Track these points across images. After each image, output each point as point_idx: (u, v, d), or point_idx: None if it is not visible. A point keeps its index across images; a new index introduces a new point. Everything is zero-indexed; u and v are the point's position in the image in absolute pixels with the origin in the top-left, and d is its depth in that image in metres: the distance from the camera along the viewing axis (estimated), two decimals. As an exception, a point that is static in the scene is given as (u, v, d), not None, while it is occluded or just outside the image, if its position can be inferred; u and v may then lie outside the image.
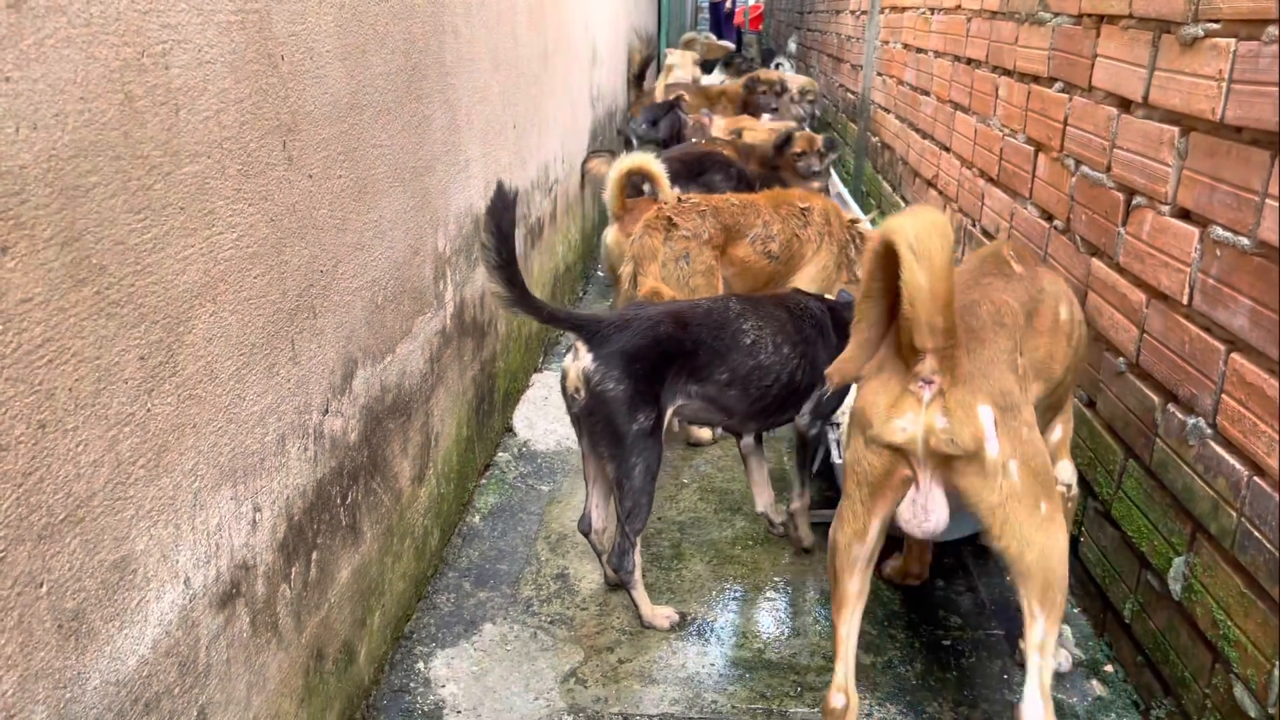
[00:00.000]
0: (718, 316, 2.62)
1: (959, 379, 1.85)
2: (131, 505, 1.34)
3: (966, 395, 1.85)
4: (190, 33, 1.46)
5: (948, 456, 1.85)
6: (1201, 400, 2.11)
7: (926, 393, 1.86)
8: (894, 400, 1.88)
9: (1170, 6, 2.30)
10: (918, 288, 1.75)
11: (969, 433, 1.83)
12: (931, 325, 1.78)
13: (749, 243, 3.72)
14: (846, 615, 2.08)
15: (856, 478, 1.97)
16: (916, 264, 1.73)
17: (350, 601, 2.17)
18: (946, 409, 1.84)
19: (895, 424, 1.87)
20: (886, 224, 1.83)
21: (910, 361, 1.86)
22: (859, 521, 1.99)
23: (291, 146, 1.81)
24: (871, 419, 1.90)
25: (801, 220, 3.83)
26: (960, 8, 4.34)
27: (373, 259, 2.24)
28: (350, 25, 2.07)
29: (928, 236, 1.73)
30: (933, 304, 1.76)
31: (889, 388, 1.90)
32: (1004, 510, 1.86)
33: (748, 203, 3.81)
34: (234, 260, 1.60)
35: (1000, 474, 1.84)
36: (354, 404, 2.16)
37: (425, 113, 2.60)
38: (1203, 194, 2.14)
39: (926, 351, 1.82)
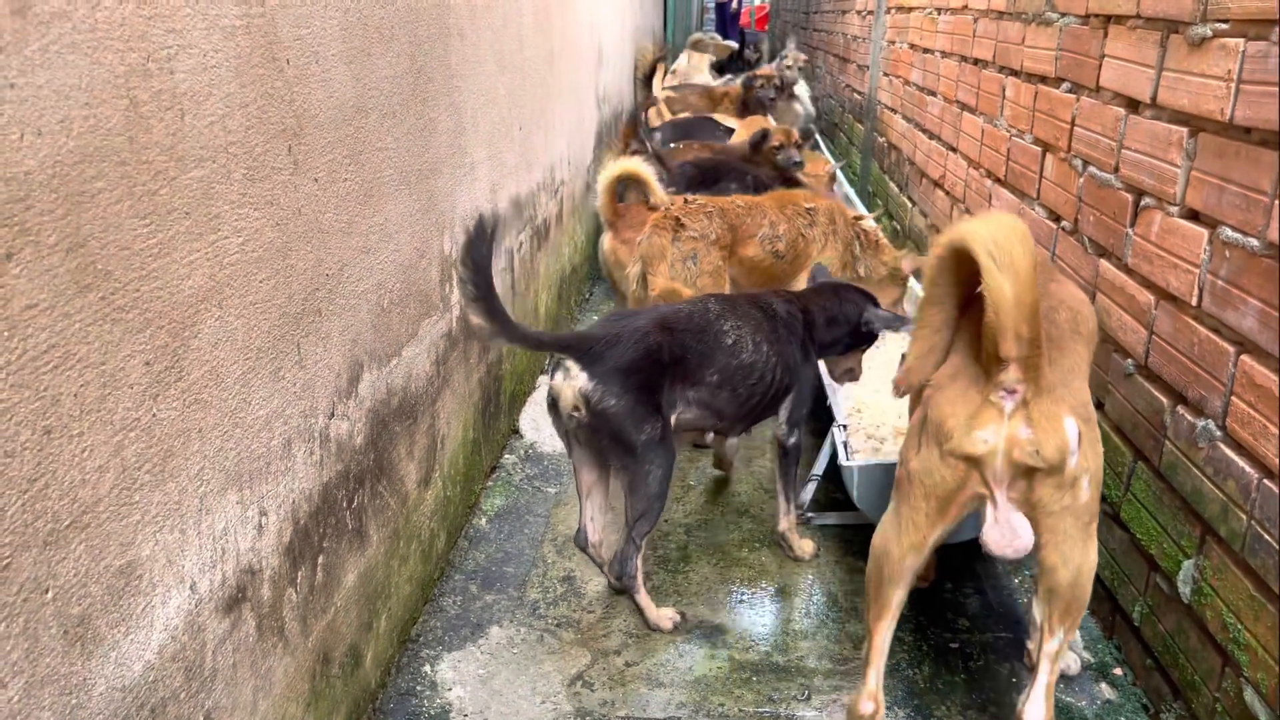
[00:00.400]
0: (699, 320, 2.62)
1: (1043, 389, 1.81)
2: (137, 511, 1.34)
3: (1051, 406, 1.81)
4: (195, 37, 1.46)
5: (1028, 469, 1.81)
6: (1211, 402, 2.10)
7: (1009, 403, 1.81)
8: (974, 411, 1.83)
9: (1178, 7, 2.29)
10: (1003, 296, 1.71)
11: (1054, 444, 1.79)
12: (1018, 334, 1.74)
13: (757, 242, 3.73)
14: (886, 624, 2.05)
15: (925, 489, 1.90)
16: (1000, 272, 1.70)
17: (357, 605, 2.17)
18: (1031, 420, 1.80)
19: (977, 435, 1.82)
20: (957, 229, 1.81)
21: (991, 370, 1.81)
22: (919, 534, 1.94)
23: (297, 150, 1.81)
24: (951, 430, 1.84)
25: (807, 220, 3.85)
26: (967, 8, 4.33)
27: (379, 262, 2.24)
28: (355, 28, 2.07)
29: (1008, 243, 1.70)
30: (1019, 312, 1.72)
31: (968, 398, 1.85)
32: (1057, 521, 1.83)
33: (753, 204, 3.82)
34: (240, 265, 1.60)
35: (1071, 487, 1.82)
36: (360, 408, 2.16)
37: (431, 116, 2.60)
38: (1211, 195, 2.12)
39: (1010, 360, 1.77)
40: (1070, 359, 1.91)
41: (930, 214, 4.92)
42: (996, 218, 1.77)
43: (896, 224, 5.75)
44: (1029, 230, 1.75)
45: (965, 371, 1.87)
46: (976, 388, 1.83)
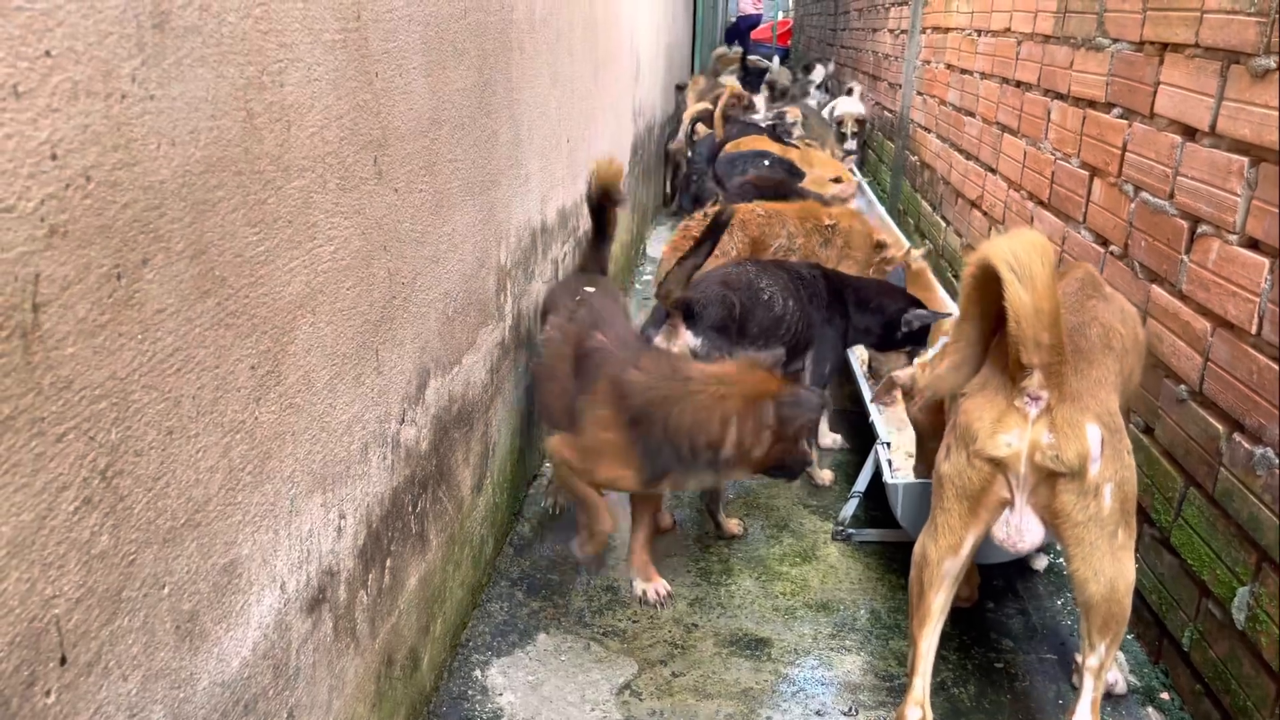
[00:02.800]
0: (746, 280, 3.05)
1: (1066, 396, 1.89)
2: (239, 510, 1.38)
3: (1074, 412, 1.88)
4: (302, 51, 1.50)
5: (1049, 474, 1.88)
6: (1270, 430, 2.11)
7: (1033, 409, 1.89)
8: (999, 415, 1.92)
9: (1240, 37, 2.31)
10: (1022, 305, 1.80)
11: (1075, 449, 1.86)
12: (1038, 341, 1.83)
13: (772, 253, 3.74)
14: (929, 630, 2.11)
15: (956, 491, 1.99)
16: (1018, 282, 1.79)
17: (417, 609, 2.20)
18: (1053, 425, 1.88)
19: (1000, 438, 1.91)
20: (983, 247, 1.89)
21: (1016, 378, 1.90)
22: (954, 536, 2.01)
23: (381, 161, 1.85)
24: (977, 433, 1.93)
25: (822, 237, 3.83)
26: (1010, 30, 4.35)
27: (446, 271, 2.28)
28: (434, 42, 2.11)
29: (1027, 255, 1.79)
30: (1038, 320, 1.81)
31: (994, 403, 1.94)
32: (1084, 533, 1.88)
33: (775, 212, 3.84)
34: (331, 272, 1.64)
35: (1093, 495, 1.87)
36: (426, 413, 2.20)
37: (493, 128, 2.64)
38: (1273, 225, 2.14)
39: (1033, 367, 1.86)
40: (1099, 371, 1.98)
41: (966, 234, 4.94)
42: (1019, 233, 1.86)
43: (929, 242, 5.77)
44: (1050, 245, 1.83)
45: (994, 380, 1.97)
46: (1003, 394, 1.93)
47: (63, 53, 0.99)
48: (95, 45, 1.04)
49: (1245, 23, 2.30)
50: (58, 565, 1.02)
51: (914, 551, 2.14)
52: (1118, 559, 1.91)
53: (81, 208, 1.03)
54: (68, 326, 1.02)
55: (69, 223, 1.01)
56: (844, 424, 4.03)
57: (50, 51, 0.97)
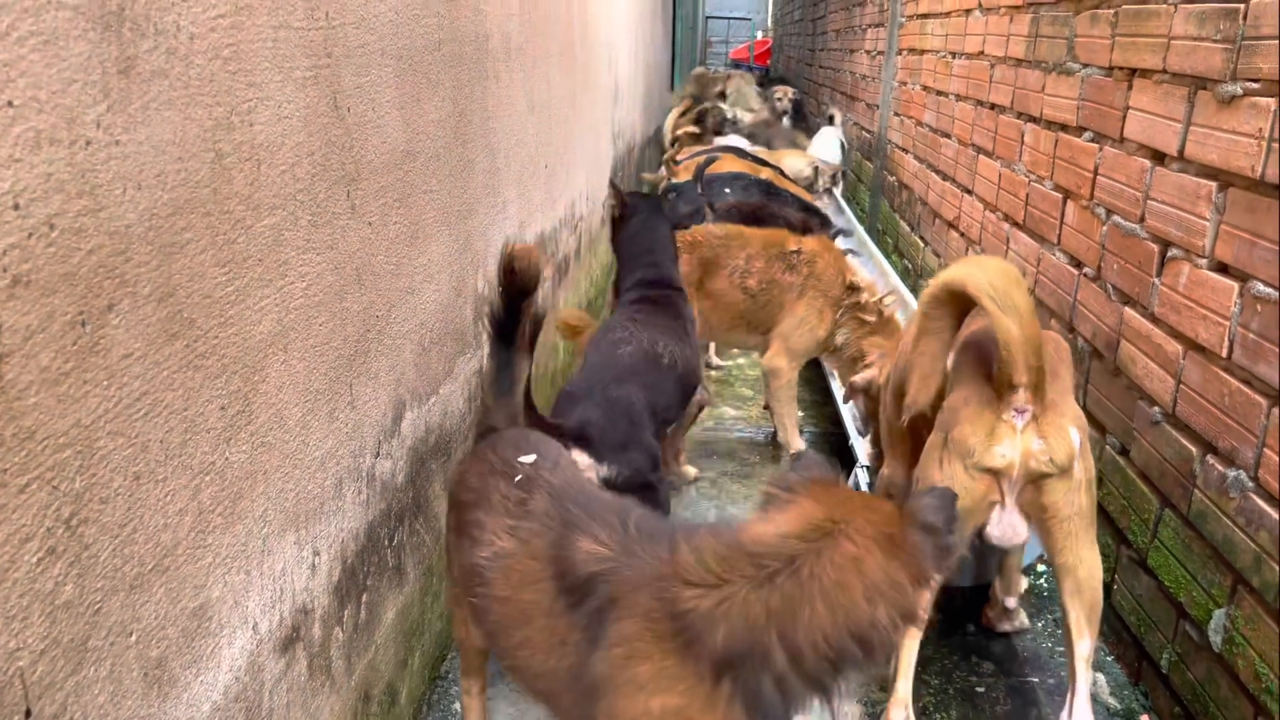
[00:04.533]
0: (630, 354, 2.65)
1: (1048, 405, 2.06)
2: (209, 553, 1.36)
3: (1057, 418, 2.06)
4: (272, 90, 1.50)
5: (1039, 476, 2.05)
6: (1242, 453, 2.13)
7: (1020, 420, 2.05)
8: (990, 429, 2.07)
9: (1207, 64, 2.35)
10: (1012, 335, 1.95)
11: (1064, 451, 2.04)
12: (1028, 364, 1.98)
13: (727, 275, 3.64)
14: (912, 635, 2.22)
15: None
16: (1004, 316, 1.94)
17: (394, 643, 2.18)
18: (1042, 432, 2.04)
19: (996, 450, 2.06)
20: (953, 273, 2.07)
21: (1002, 394, 2.05)
22: None
23: (354, 195, 1.84)
24: (974, 448, 2.08)
25: (785, 265, 3.65)
26: (983, 54, 4.40)
27: (421, 302, 2.28)
28: (407, 75, 2.12)
29: (1005, 288, 1.94)
30: (1027, 347, 1.97)
31: (983, 419, 2.08)
32: (1071, 525, 2.06)
33: (735, 234, 3.72)
34: (303, 309, 1.64)
35: (1078, 490, 2.06)
36: (402, 446, 2.19)
37: (469, 157, 2.64)
38: (1242, 249, 2.17)
39: (1021, 386, 2.01)
40: (1062, 381, 2.18)
41: (944, 255, 4.97)
42: (989, 263, 2.04)
43: (907, 262, 5.81)
44: (1017, 271, 2.00)
45: (976, 396, 2.12)
46: (990, 409, 2.08)
47: (25, 102, 0.98)
48: (59, 94, 1.03)
49: (1212, 49, 2.33)
50: (21, 618, 1.01)
51: None
52: (1093, 548, 2.11)
53: (45, 256, 1.02)
54: (30, 376, 1.01)
55: (32, 272, 1.00)
56: (825, 446, 4.04)
57: (13, 102, 0.97)
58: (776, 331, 3.76)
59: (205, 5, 1.30)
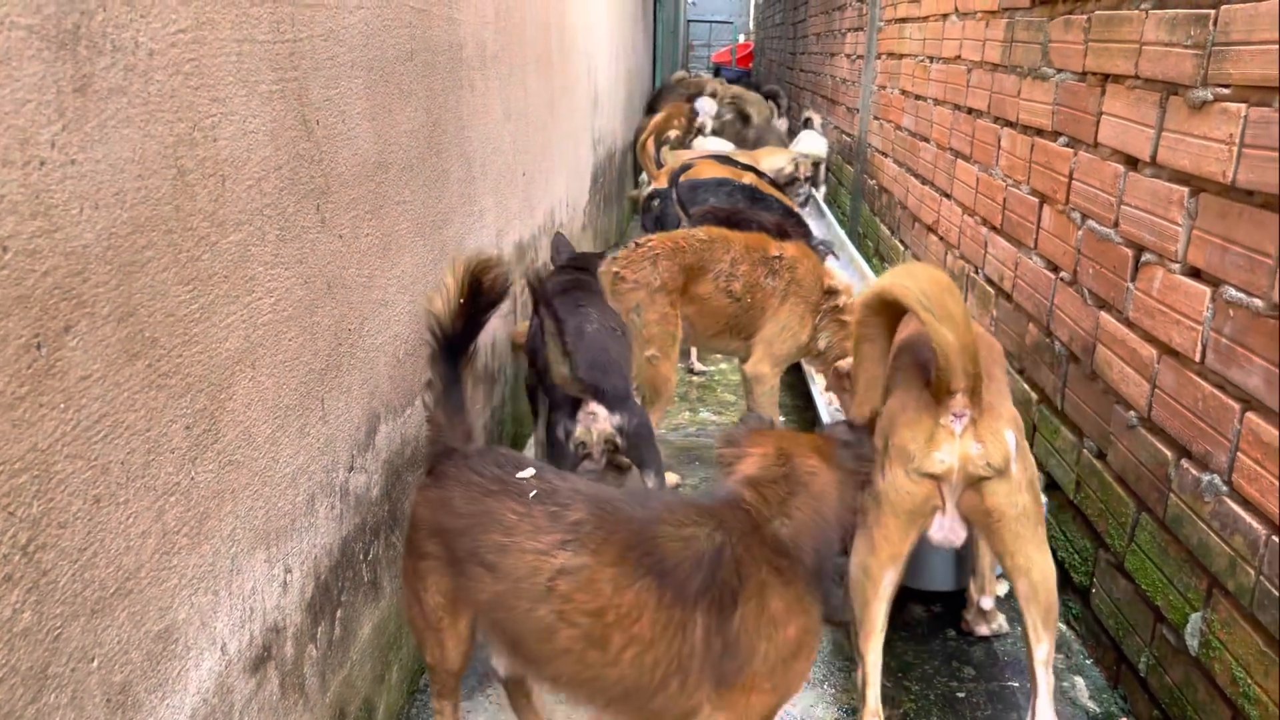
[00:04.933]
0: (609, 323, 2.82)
1: (984, 409, 2.08)
2: (175, 575, 1.35)
3: (993, 422, 2.09)
4: (236, 105, 1.48)
5: (978, 480, 2.07)
6: (1216, 457, 2.14)
7: (958, 425, 2.08)
8: (929, 435, 2.09)
9: (1178, 69, 2.36)
10: (948, 343, 1.96)
11: (1001, 454, 2.06)
12: (965, 371, 2.00)
13: (711, 279, 3.61)
14: (875, 643, 2.22)
15: (893, 507, 2.14)
16: (939, 324, 1.95)
17: (371, 658, 2.16)
18: (979, 436, 2.07)
19: (935, 456, 2.08)
20: (885, 282, 2.09)
21: (940, 399, 2.07)
22: (894, 547, 2.15)
23: (324, 209, 1.83)
24: (914, 453, 2.10)
25: (768, 269, 3.66)
26: (960, 58, 4.42)
27: (395, 314, 2.26)
28: (378, 86, 2.10)
29: (939, 296, 1.95)
30: (964, 353, 1.99)
31: (922, 425, 2.11)
32: (1017, 526, 2.09)
33: (718, 238, 3.69)
34: (271, 324, 1.62)
35: (1019, 491, 2.08)
36: (377, 459, 2.17)
37: (444, 166, 2.63)
38: (1214, 254, 2.18)
39: (959, 391, 2.04)
40: (996, 383, 2.22)
41: (923, 258, 4.98)
42: (920, 271, 2.05)
43: (888, 265, 5.82)
44: (949, 278, 2.02)
45: (913, 402, 2.15)
46: (929, 414, 2.11)
47: (-25, 123, 0.97)
48: (12, 114, 1.02)
49: (1183, 55, 2.34)
50: (-25, 647, 0.99)
51: (851, 571, 2.24)
52: (1043, 549, 2.12)
53: (-3, 279, 1.00)
54: (-17, 401, 0.99)
55: (-16, 295, 0.99)
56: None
57: (-39, 123, 0.95)
58: (759, 337, 3.75)
59: (165, 21, 1.29)
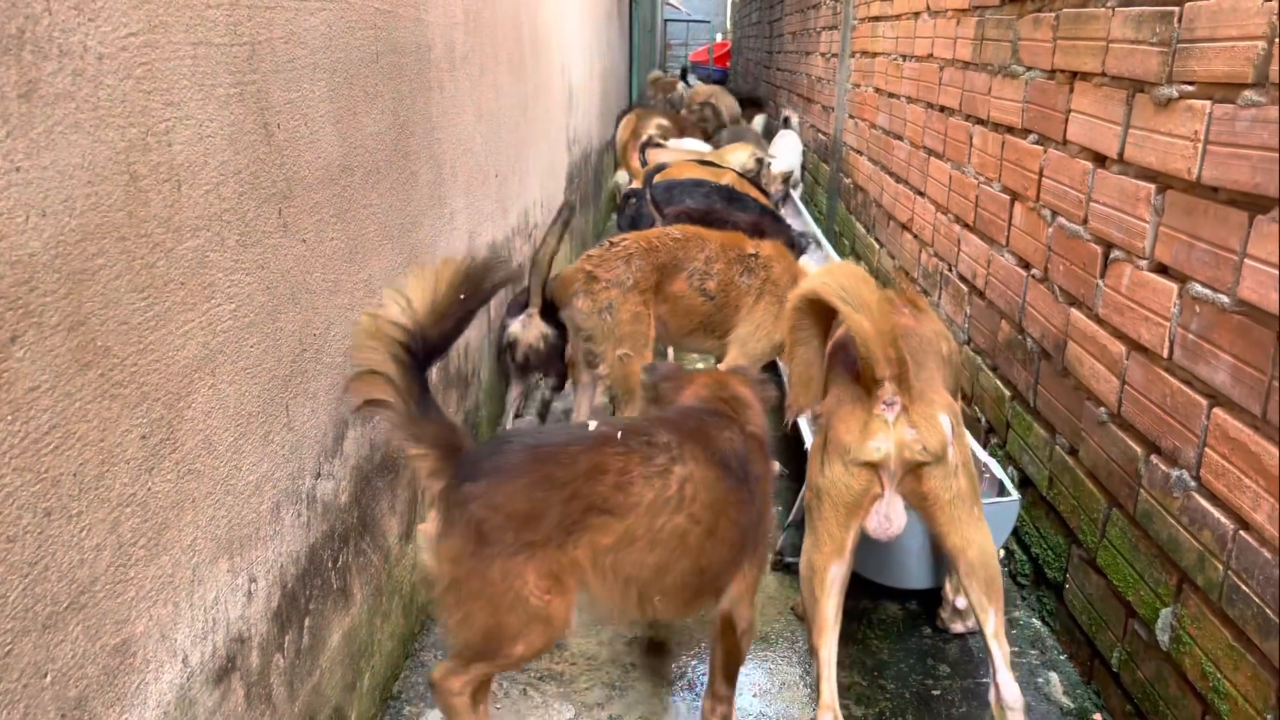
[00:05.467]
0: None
1: (915, 396, 2.12)
2: (132, 587, 1.32)
3: (926, 407, 2.12)
4: (192, 109, 1.46)
5: (916, 465, 2.11)
6: (1184, 453, 2.15)
7: (890, 414, 2.11)
8: (863, 425, 2.12)
9: (1144, 67, 2.37)
10: (866, 332, 2.01)
11: (936, 438, 2.10)
12: (887, 358, 2.04)
13: (685, 277, 3.60)
14: (827, 639, 2.20)
15: (834, 500, 2.16)
16: (856, 313, 1.99)
17: (341, 666, 2.14)
18: (912, 422, 2.10)
19: (870, 445, 2.11)
20: (807, 284, 2.14)
21: (870, 390, 2.11)
22: (836, 541, 2.17)
23: (287, 213, 1.81)
24: (849, 445, 2.13)
25: (743, 267, 3.66)
26: (932, 56, 4.43)
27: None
28: (342, 89, 2.08)
29: (854, 287, 2.00)
30: (882, 340, 2.02)
31: (856, 416, 2.14)
32: (953, 509, 2.12)
33: (693, 236, 3.68)
34: (232, 331, 1.60)
35: (954, 474, 2.11)
36: (345, 465, 2.15)
37: (412, 169, 2.61)
38: (1180, 251, 2.19)
39: (885, 379, 2.07)
40: (928, 371, 2.27)
41: (899, 257, 5.00)
42: (838, 268, 2.11)
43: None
44: (864, 272, 2.07)
45: (847, 396, 2.19)
46: (861, 406, 2.14)
47: (-89, 130, 0.95)
48: (-50, 120, 0.99)
49: (1148, 52, 2.35)
50: (-81, 666, 0.97)
51: (801, 568, 2.26)
52: (980, 528, 2.15)
53: (-62, 289, 0.98)
54: (-76, 414, 0.97)
55: (-77, 306, 0.96)
56: (783, 448, 4.04)
57: (-104, 130, 0.93)
58: (733, 336, 3.75)
59: (115, 24, 1.26)
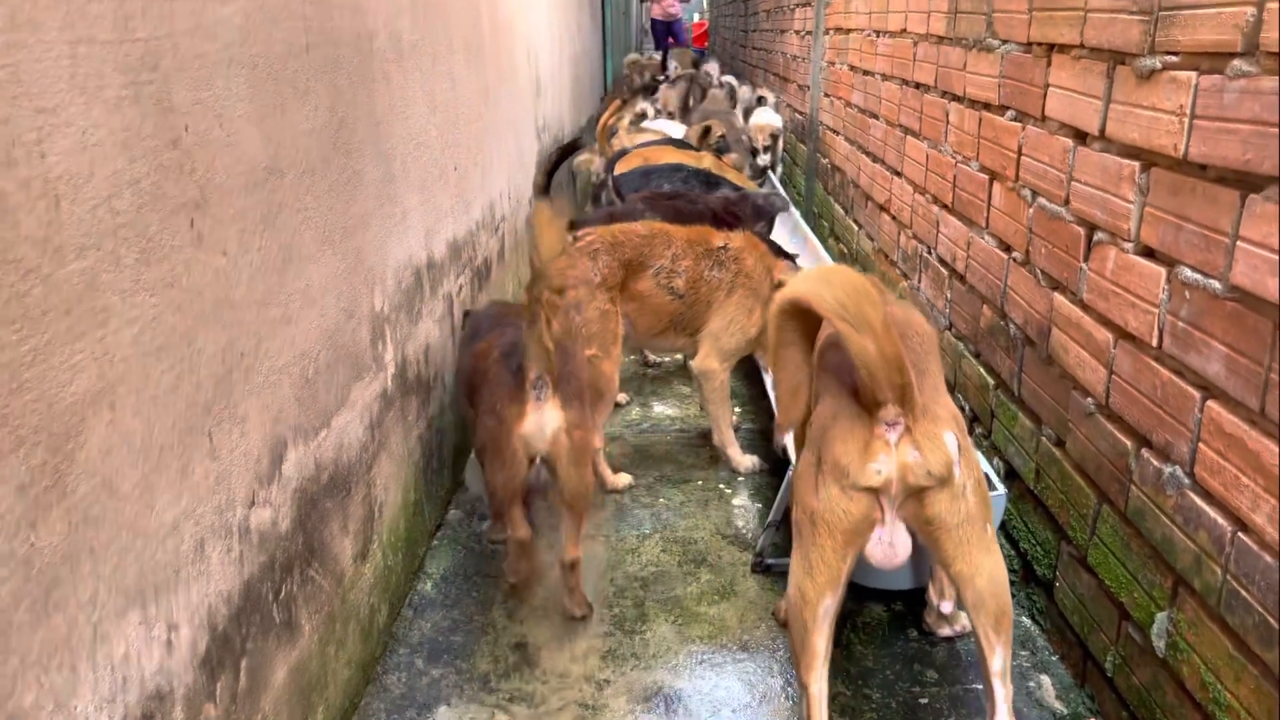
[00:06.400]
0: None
1: (919, 414, 1.92)
2: (15, 656, 1.18)
3: (930, 426, 1.92)
4: (72, 114, 1.31)
5: (920, 489, 1.92)
6: (1177, 448, 2.03)
7: (892, 434, 1.91)
8: (864, 446, 1.92)
9: (1124, 37, 2.23)
10: (869, 355, 1.81)
11: (941, 460, 1.91)
12: (891, 382, 1.85)
13: (652, 275, 3.49)
14: (818, 673, 2.05)
15: (829, 526, 1.97)
16: (859, 334, 1.80)
17: (288, 704, 2.01)
18: (916, 443, 1.91)
19: (871, 468, 1.92)
20: (799, 288, 1.92)
21: (872, 410, 1.91)
22: (832, 570, 1.98)
23: (201, 224, 1.66)
24: (848, 467, 1.93)
25: (712, 261, 3.54)
26: (906, 31, 4.28)
27: (300, 331, 2.09)
28: (266, 84, 1.93)
29: (856, 304, 1.79)
30: (887, 365, 1.83)
31: (855, 436, 1.94)
32: (960, 533, 1.94)
33: (658, 232, 3.56)
34: (134, 359, 1.45)
35: (961, 497, 1.93)
36: (284, 490, 2.01)
37: (356, 168, 2.46)
38: (1168, 233, 2.06)
39: (888, 401, 1.88)
40: (931, 379, 2.07)
41: (877, 238, 4.87)
42: (836, 276, 1.87)
43: (844, 246, 5.71)
44: (867, 282, 1.85)
45: (844, 411, 1.98)
46: (861, 424, 1.94)
47: None
48: None
49: (1129, 22, 2.21)
50: None
51: (789, 595, 2.07)
52: (991, 552, 1.97)
53: None
54: None
55: None
56: (762, 443, 3.92)
57: None
58: (706, 332, 3.62)
59: (-37, 23, 1.11)
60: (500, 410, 2.57)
